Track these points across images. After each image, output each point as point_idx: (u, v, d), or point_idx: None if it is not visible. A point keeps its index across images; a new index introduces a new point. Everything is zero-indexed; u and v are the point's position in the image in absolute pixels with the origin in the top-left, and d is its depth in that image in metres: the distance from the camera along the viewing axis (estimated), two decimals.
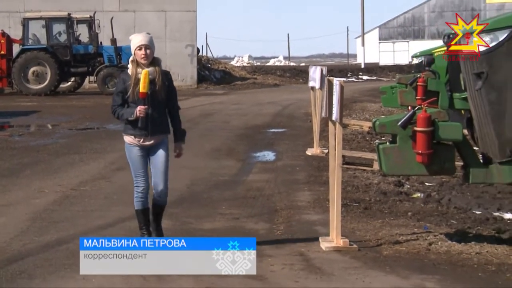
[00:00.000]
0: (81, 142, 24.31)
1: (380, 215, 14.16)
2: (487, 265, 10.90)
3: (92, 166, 19.45)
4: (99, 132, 27.54)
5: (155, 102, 10.84)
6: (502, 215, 14.97)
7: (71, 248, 11.57)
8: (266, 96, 45.41)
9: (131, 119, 10.78)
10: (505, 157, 11.47)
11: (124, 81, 10.98)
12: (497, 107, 11.48)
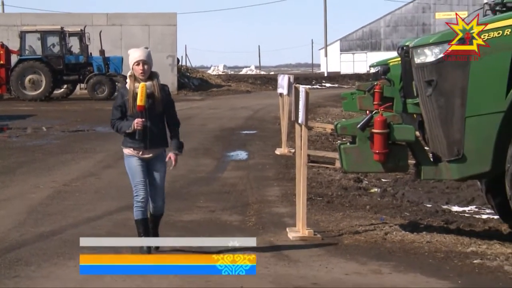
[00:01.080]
0: (72, 143, 24.26)
1: (341, 208, 14.19)
2: (436, 253, 10.93)
3: (83, 165, 19.41)
4: (89, 134, 27.50)
5: (153, 116, 10.14)
6: (450, 208, 15.04)
7: (63, 238, 11.57)
8: (239, 102, 45.42)
9: (129, 131, 10.06)
10: (453, 156, 11.51)
11: (122, 95, 10.32)
12: (445, 112, 11.52)
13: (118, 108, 10.23)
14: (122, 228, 12.37)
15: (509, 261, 10.43)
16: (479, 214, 14.51)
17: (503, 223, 13.05)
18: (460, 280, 9.60)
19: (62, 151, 21.99)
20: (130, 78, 10.22)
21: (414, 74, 12.41)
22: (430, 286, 9.32)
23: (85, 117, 33.43)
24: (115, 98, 10.56)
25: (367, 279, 9.61)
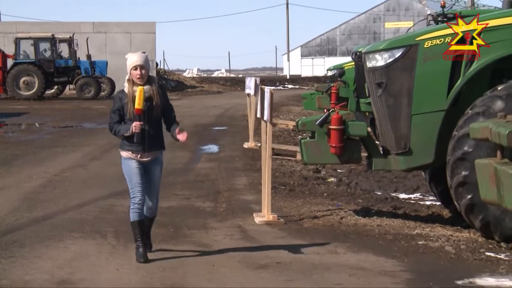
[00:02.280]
0: (62, 138, 24.13)
1: (302, 196, 14.20)
2: (386, 235, 10.97)
3: (72, 157, 19.31)
4: (77, 130, 27.37)
5: (151, 119, 9.18)
6: (397, 195, 15.09)
7: (54, 223, 11.52)
8: (212, 101, 45.36)
9: (127, 134, 9.10)
10: (400, 149, 11.57)
11: (120, 99, 9.25)
12: (393, 110, 11.57)
13: (116, 112, 9.25)
14: (107, 213, 12.35)
15: (450, 242, 10.48)
16: (423, 200, 14.58)
17: (444, 208, 13.12)
18: (406, 259, 9.64)
19: (53, 145, 21.87)
20: (128, 82, 9.22)
21: (366, 76, 12.47)
22: (380, 264, 9.35)
23: (73, 115, 33.27)
24: (113, 102, 9.41)
25: (324, 258, 9.63)
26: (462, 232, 11.25)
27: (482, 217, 10.55)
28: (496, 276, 8.87)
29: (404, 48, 11.51)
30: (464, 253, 9.94)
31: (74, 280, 8.45)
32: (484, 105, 10.56)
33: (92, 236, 10.68)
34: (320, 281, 8.56)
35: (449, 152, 10.87)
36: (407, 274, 8.92)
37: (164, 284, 8.34)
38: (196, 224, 11.52)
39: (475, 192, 9.70)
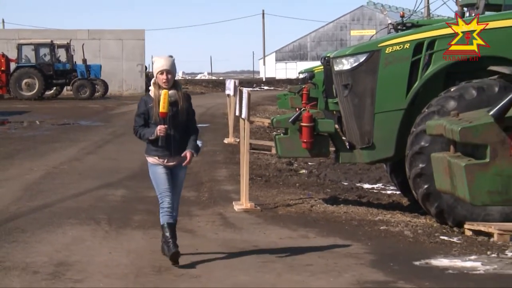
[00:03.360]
0: (61, 134, 24.03)
1: (276, 186, 14.21)
2: (351, 221, 10.99)
3: (69, 151, 19.23)
4: (74, 127, 27.24)
5: (176, 124, 8.30)
6: (362, 185, 15.14)
7: (53, 211, 11.47)
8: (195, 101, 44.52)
9: (152, 138, 8.23)
10: (364, 144, 11.60)
11: (146, 102, 8.38)
12: (358, 109, 11.60)
13: (141, 115, 8.39)
14: (101, 202, 12.30)
15: (408, 227, 10.51)
16: (385, 190, 14.63)
17: (403, 197, 13.17)
18: (369, 242, 9.65)
19: (52, 140, 21.77)
20: (154, 85, 8.39)
21: (334, 79, 12.49)
22: (346, 247, 9.36)
23: (71, 113, 33.13)
24: (138, 105, 8.49)
25: (297, 242, 9.64)
26: (419, 218, 11.30)
27: (437, 204, 10.60)
28: (449, 257, 8.91)
29: (368, 54, 11.54)
30: (421, 237, 9.98)
31: (71, 262, 8.42)
32: (439, 105, 10.60)
33: (87, 222, 10.64)
34: (292, 262, 8.57)
35: (408, 146, 10.91)
36: (371, 256, 8.94)
37: (153, 266, 8.32)
38: (180, 212, 11.42)
39: (431, 183, 9.73)
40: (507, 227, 9.81)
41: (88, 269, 8.14)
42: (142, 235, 9.90)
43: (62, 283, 7.65)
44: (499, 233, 9.81)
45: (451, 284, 7.75)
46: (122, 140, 21.97)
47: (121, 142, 21.55)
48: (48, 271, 8.05)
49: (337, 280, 7.83)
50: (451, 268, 8.45)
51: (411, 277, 7.97)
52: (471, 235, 10.13)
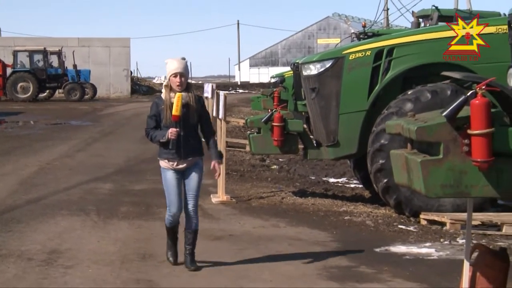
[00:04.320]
0: (53, 133, 23.90)
1: (250, 180, 14.21)
2: (318, 212, 11.01)
3: (61, 148, 19.13)
4: (65, 126, 27.07)
5: (187, 126, 7.51)
6: (328, 179, 15.16)
7: (46, 203, 11.42)
8: None
9: (163, 140, 7.48)
10: (330, 142, 11.62)
11: (157, 105, 7.61)
12: (324, 110, 11.62)
13: (153, 117, 7.62)
14: (90, 195, 12.25)
15: (370, 217, 10.55)
16: (348, 184, 14.67)
17: (365, 190, 13.21)
18: (335, 231, 9.68)
19: (45, 139, 21.66)
20: (165, 88, 7.58)
21: (302, 83, 12.51)
22: (313, 236, 9.38)
23: (62, 114, 32.94)
24: (150, 107, 7.72)
25: (269, 231, 9.64)
26: (380, 209, 11.34)
27: (395, 197, 10.65)
28: (406, 244, 8.95)
29: (333, 60, 11.57)
30: (381, 226, 10.02)
31: (62, 250, 8.38)
32: (397, 106, 10.65)
33: (77, 213, 10.59)
34: (265, 249, 8.57)
35: (369, 144, 10.95)
36: (336, 244, 8.97)
37: (138, 254, 8.29)
38: (163, 204, 11.32)
39: (390, 177, 9.77)
40: (458, 217, 9.88)
41: (78, 256, 8.10)
42: (128, 225, 9.86)
43: (54, 269, 7.61)
44: (451, 222, 9.87)
45: (408, 268, 7.78)
46: (109, 139, 21.87)
47: (109, 140, 21.44)
48: (41, 258, 8.01)
49: (306, 265, 7.84)
50: (408, 254, 8.50)
51: (372, 263, 8.01)
52: (426, 224, 10.19)
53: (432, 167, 5.43)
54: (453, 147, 5.44)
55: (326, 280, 7.29)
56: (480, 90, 5.52)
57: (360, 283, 7.16)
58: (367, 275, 7.49)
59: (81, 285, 7.04)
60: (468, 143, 5.45)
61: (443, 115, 5.47)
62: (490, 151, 5.41)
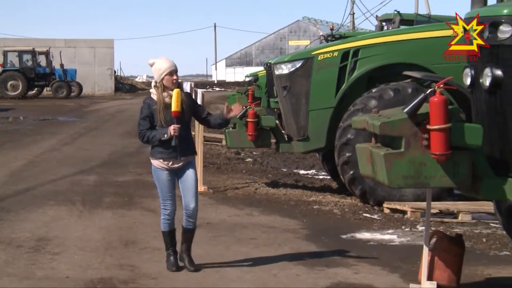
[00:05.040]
0: (41, 128, 23.70)
1: (226, 172, 14.20)
2: (289, 201, 11.02)
3: (49, 142, 18.98)
4: (53, 122, 26.84)
5: (182, 124, 6.88)
6: (298, 171, 15.19)
7: (34, 193, 11.34)
8: None
9: (164, 138, 6.76)
10: (300, 137, 11.64)
11: (149, 105, 6.93)
12: (295, 107, 11.63)
13: (146, 118, 6.95)
14: (76, 186, 12.18)
15: (337, 206, 10.58)
16: (317, 175, 14.70)
17: (333, 181, 13.25)
18: (305, 219, 9.70)
19: (34, 133, 21.48)
20: (156, 89, 6.91)
21: (275, 81, 12.51)
22: (285, 223, 9.40)
23: (50, 110, 32.65)
24: (141, 109, 7.06)
25: (243, 219, 9.64)
26: (346, 198, 11.38)
27: (361, 187, 10.69)
28: (370, 231, 9.00)
29: (303, 60, 11.58)
30: (347, 215, 10.06)
31: (50, 237, 8.32)
32: (362, 103, 10.69)
33: (64, 203, 10.52)
34: (239, 236, 8.57)
35: (336, 138, 10.98)
36: (305, 231, 8.99)
37: (121, 241, 8.26)
38: (145, 194, 11.43)
39: (356, 169, 9.80)
40: (418, 206, 9.94)
41: (65, 243, 8.05)
42: (112, 214, 9.82)
43: (42, 255, 7.56)
44: (411, 211, 9.93)
45: (372, 253, 7.82)
46: (94, 134, 21.74)
47: (94, 135, 21.31)
48: (30, 245, 7.95)
49: (277, 251, 7.85)
50: (372, 240, 8.54)
51: (339, 248, 8.02)
52: (388, 213, 10.24)
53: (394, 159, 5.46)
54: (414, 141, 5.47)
55: (296, 265, 7.30)
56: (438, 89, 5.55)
57: (329, 267, 7.19)
58: (335, 260, 7.52)
59: (68, 270, 7.00)
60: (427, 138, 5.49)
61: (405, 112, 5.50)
62: (447, 145, 5.45)
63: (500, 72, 5.60)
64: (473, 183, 5.63)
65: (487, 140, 5.68)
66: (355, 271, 7.09)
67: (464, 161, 5.55)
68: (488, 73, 5.66)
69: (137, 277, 6.81)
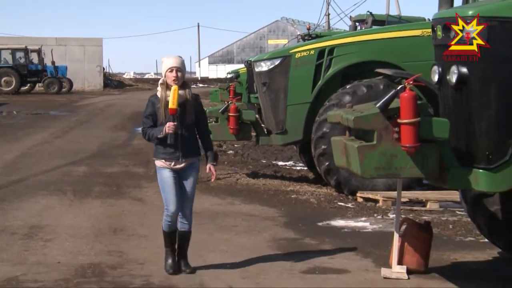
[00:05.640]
0: (33, 122, 23.53)
1: None
2: (269, 191, 11.02)
3: (41, 136, 18.85)
4: (45, 116, 26.63)
5: (185, 125, 6.37)
6: (277, 162, 15.17)
7: (27, 184, 11.28)
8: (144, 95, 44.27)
9: (160, 136, 6.34)
10: (279, 130, 11.65)
11: (153, 103, 6.47)
12: (274, 102, 11.63)
13: (149, 117, 6.48)
14: (67, 176, 12.12)
15: (313, 196, 10.61)
16: (295, 166, 14.70)
17: (309, 172, 13.26)
18: (283, 208, 9.72)
19: (27, 127, 21.32)
20: (161, 86, 6.44)
21: (255, 78, 12.50)
22: (264, 212, 9.40)
23: (42, 105, 32.40)
24: (146, 106, 6.54)
25: (225, 208, 9.64)
26: (322, 188, 11.40)
27: (336, 177, 10.71)
28: (345, 219, 9.03)
29: (282, 58, 11.58)
30: (323, 203, 10.08)
31: (42, 225, 8.28)
32: (337, 99, 10.70)
33: (55, 193, 10.46)
34: (221, 224, 8.57)
35: (313, 132, 10.99)
36: (284, 218, 9.00)
37: (109, 228, 8.23)
38: (132, 184, 11.40)
39: (331, 160, 9.81)
40: (389, 195, 9.98)
41: (57, 231, 8.02)
42: (101, 203, 9.78)
43: (35, 242, 7.52)
44: (383, 200, 9.97)
45: (346, 239, 7.85)
46: (84, 127, 21.61)
47: (84, 128, 21.19)
48: (23, 233, 7.91)
49: (257, 238, 7.86)
50: (346, 227, 8.57)
51: (315, 235, 8.06)
52: (362, 202, 10.28)
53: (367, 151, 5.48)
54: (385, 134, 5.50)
55: (275, 250, 7.32)
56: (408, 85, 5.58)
57: (306, 253, 7.21)
58: (311, 246, 7.54)
59: (59, 256, 6.97)
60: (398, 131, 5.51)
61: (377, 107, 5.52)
62: (416, 138, 5.48)
63: (465, 70, 5.63)
64: (440, 173, 5.67)
65: (453, 133, 5.72)
66: (330, 256, 7.11)
67: (432, 153, 5.58)
68: (455, 70, 5.69)
69: (125, 262, 6.79)
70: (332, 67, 11.29)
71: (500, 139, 5.53)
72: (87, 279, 6.25)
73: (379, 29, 12.98)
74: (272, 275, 6.43)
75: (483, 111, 5.59)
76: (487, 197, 6.53)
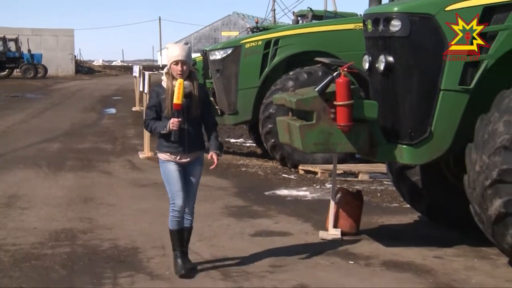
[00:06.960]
0: (12, 103, 22.94)
1: None
2: (222, 164, 10.97)
3: (18, 116, 18.40)
4: (23, 98, 25.95)
5: (190, 117, 5.23)
6: (229, 140, 15.09)
7: (6, 158, 11.02)
8: (111, 81, 44.03)
9: (164, 132, 5.21)
10: (231, 111, 11.62)
11: (158, 94, 5.31)
12: (227, 87, 11.59)
13: (152, 108, 5.31)
14: (42, 152, 11.88)
15: (261, 169, 10.63)
16: (245, 143, 14.69)
17: (258, 148, 13.27)
18: (234, 179, 9.72)
19: (5, 108, 20.78)
20: (167, 75, 5.29)
21: (210, 65, 12.41)
22: (218, 183, 9.38)
23: (19, 89, 31.63)
24: (149, 97, 5.49)
25: None
26: (268, 162, 11.43)
27: (280, 153, 10.75)
28: (288, 189, 9.07)
29: (233, 48, 11.52)
30: (269, 175, 10.11)
31: (20, 195, 8.12)
32: (282, 84, 10.71)
33: (32, 167, 10.26)
34: None
35: (260, 113, 10.99)
36: (235, 189, 9.00)
37: (80, 197, 8.11)
38: (101, 159, 11.25)
39: (276, 138, 9.82)
40: (327, 168, 10.06)
41: (33, 200, 7.87)
42: (73, 176, 9.63)
43: (13, 210, 7.37)
44: (321, 172, 10.06)
45: (289, 207, 7.89)
46: (58, 108, 21.19)
47: (57, 109, 20.77)
48: (2, 202, 7.75)
49: (212, 205, 7.85)
50: (290, 196, 8.62)
51: (262, 203, 8.08)
52: (303, 174, 10.34)
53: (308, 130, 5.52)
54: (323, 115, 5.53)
55: (227, 216, 7.32)
56: (343, 72, 5.62)
57: (254, 218, 7.23)
58: (259, 212, 7.56)
59: (35, 222, 6.85)
60: (334, 112, 5.55)
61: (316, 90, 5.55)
62: (350, 118, 5.53)
63: (391, 59, 5.69)
64: (370, 148, 5.74)
65: (382, 114, 5.78)
66: (276, 221, 7.15)
67: (363, 131, 5.64)
68: (382, 59, 5.75)
69: (94, 227, 6.71)
70: (277, 56, 11.29)
71: (420, 119, 5.63)
72: (60, 243, 6.16)
73: (318, 23, 13.02)
74: (225, 238, 6.43)
75: (406, 95, 5.67)
76: (409, 169, 6.64)
